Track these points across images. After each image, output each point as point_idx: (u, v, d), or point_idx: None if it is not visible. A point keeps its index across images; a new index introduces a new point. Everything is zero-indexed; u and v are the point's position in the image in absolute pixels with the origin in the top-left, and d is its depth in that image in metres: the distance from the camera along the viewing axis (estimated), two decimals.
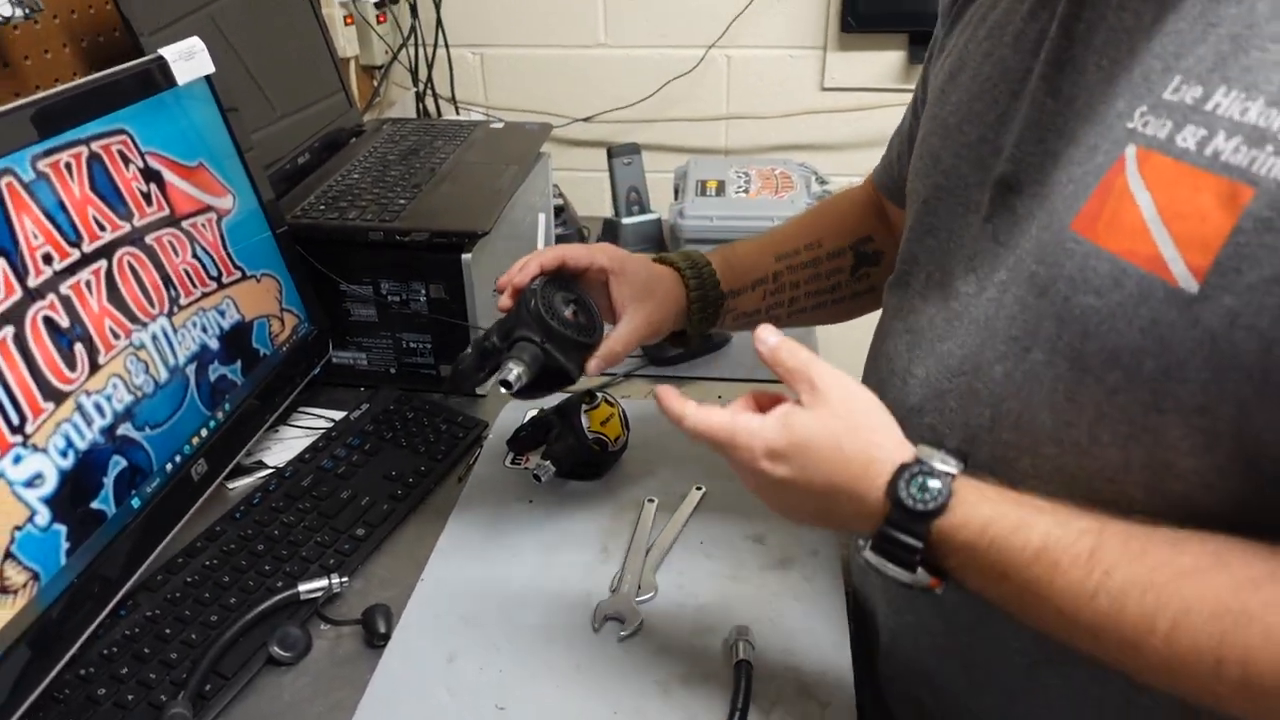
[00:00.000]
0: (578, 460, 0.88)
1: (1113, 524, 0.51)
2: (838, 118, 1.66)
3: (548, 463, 0.87)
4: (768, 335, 0.60)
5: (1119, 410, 0.52)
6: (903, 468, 0.54)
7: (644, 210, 1.38)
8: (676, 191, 1.38)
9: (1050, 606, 0.50)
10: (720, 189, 1.33)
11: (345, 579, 0.78)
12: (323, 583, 0.77)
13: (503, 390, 0.71)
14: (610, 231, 1.39)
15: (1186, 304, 0.48)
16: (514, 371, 0.70)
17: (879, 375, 0.72)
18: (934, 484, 0.53)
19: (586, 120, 1.72)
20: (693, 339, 0.85)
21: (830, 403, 0.57)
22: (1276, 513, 0.49)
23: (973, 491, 0.53)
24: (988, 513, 0.52)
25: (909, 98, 0.84)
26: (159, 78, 0.82)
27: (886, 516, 0.54)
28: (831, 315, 0.91)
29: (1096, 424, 0.53)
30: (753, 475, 0.58)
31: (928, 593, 0.55)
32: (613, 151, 1.37)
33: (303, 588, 0.76)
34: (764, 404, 0.61)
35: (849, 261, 0.88)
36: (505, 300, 0.76)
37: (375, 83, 1.66)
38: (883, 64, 1.62)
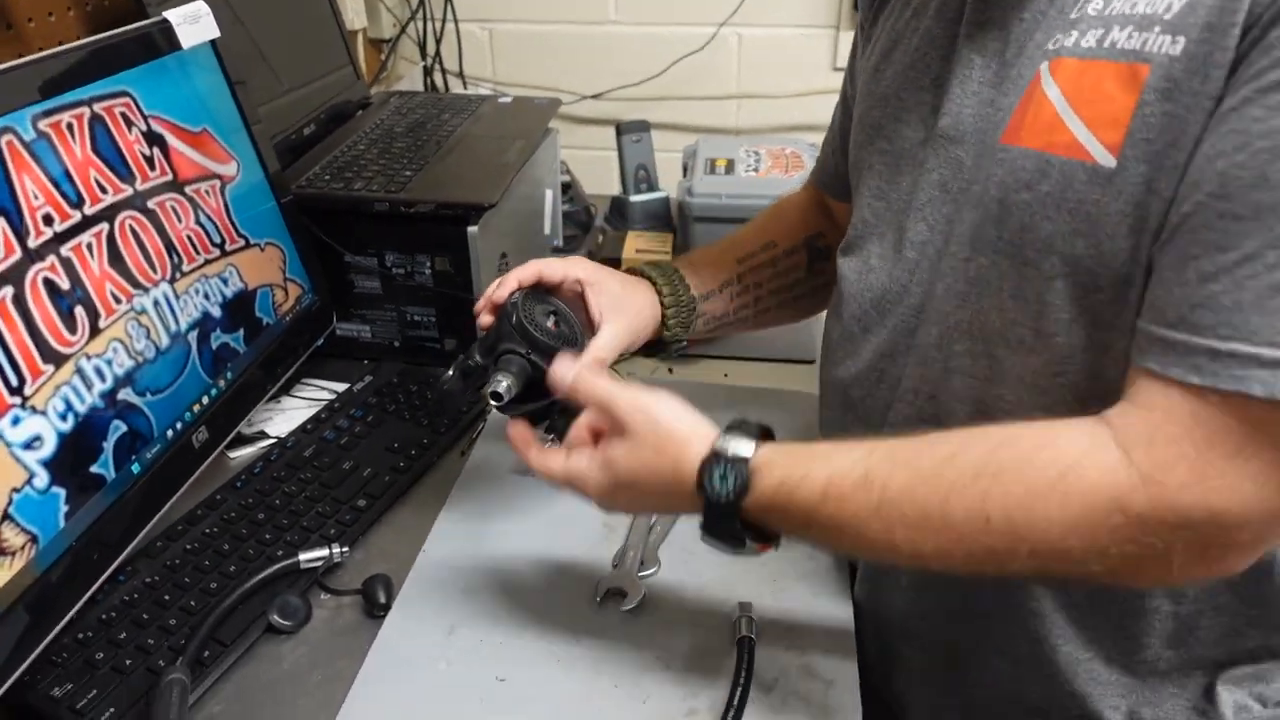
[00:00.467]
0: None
1: (883, 443, 0.58)
2: None
3: (551, 436, 0.86)
4: (563, 371, 0.67)
5: (1059, 296, 0.57)
6: (704, 465, 0.59)
7: (652, 188, 1.36)
8: (685, 169, 1.37)
9: (851, 531, 0.57)
10: (730, 167, 1.31)
11: (346, 549, 0.78)
12: (323, 552, 0.76)
13: (492, 404, 0.71)
14: (618, 209, 1.37)
15: (1107, 178, 0.53)
16: (503, 384, 0.71)
17: (848, 336, 0.75)
18: (729, 479, 0.59)
19: (595, 98, 1.70)
20: (669, 346, 0.87)
21: (634, 431, 0.62)
22: None
23: (765, 463, 0.59)
24: (779, 475, 0.58)
25: None
26: (163, 41, 0.81)
27: (704, 509, 0.60)
28: (795, 313, 0.94)
29: (1040, 316, 0.58)
30: (597, 504, 0.65)
31: (760, 554, 0.62)
32: (621, 128, 1.35)
33: (303, 557, 0.76)
34: (598, 430, 0.65)
35: (804, 258, 0.91)
36: (485, 318, 0.77)
37: (382, 56, 1.64)
38: None
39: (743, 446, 0.59)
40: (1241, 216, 0.47)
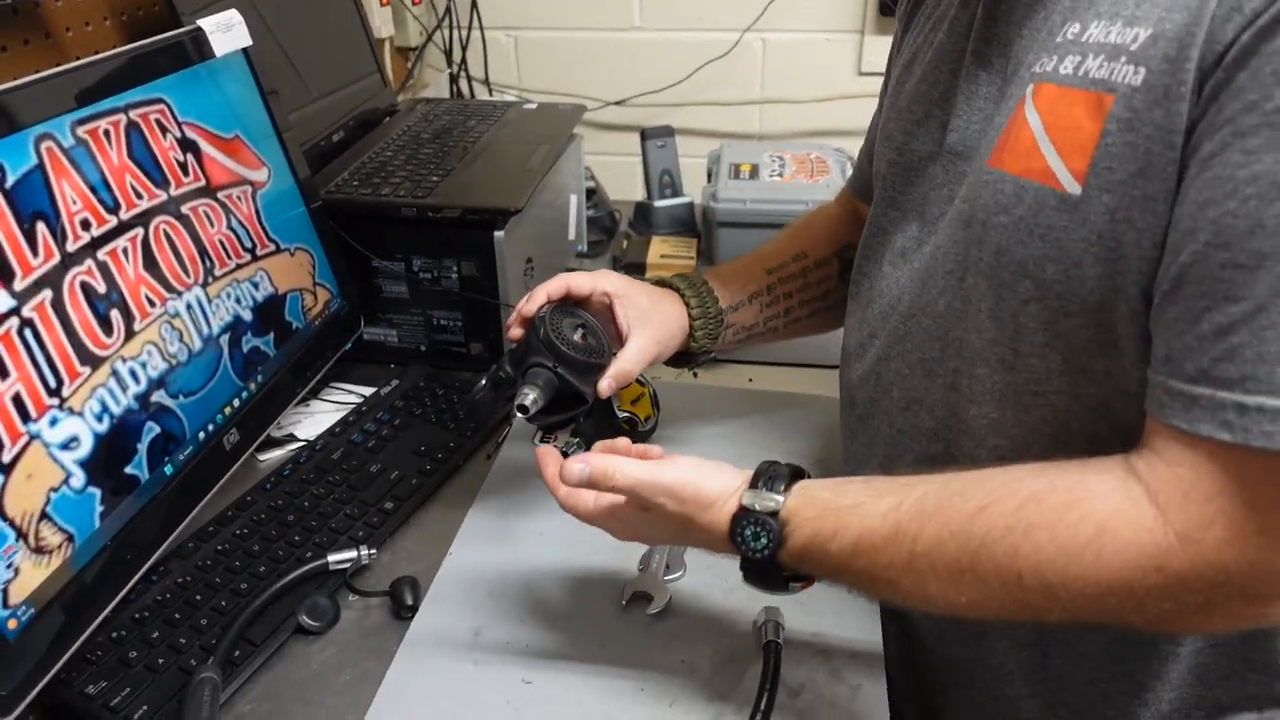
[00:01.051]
0: (608, 439, 0.88)
1: (912, 491, 0.57)
2: (875, 103, 1.63)
3: (577, 440, 0.87)
4: (579, 469, 0.65)
5: (1033, 319, 0.58)
6: (734, 521, 0.61)
7: (676, 193, 1.37)
8: (710, 175, 1.37)
9: (883, 581, 0.57)
10: (754, 172, 1.31)
11: (373, 551, 0.78)
12: (351, 554, 0.77)
13: (519, 415, 0.74)
14: (643, 214, 1.38)
15: (1073, 206, 0.54)
16: (529, 396, 0.73)
17: (858, 340, 0.76)
18: (761, 536, 0.60)
19: (620, 104, 1.71)
20: (696, 357, 0.87)
21: (664, 509, 0.63)
22: None
23: (796, 516, 0.60)
24: (810, 530, 0.59)
25: None
26: (196, 49, 0.82)
27: (741, 562, 0.61)
28: (825, 323, 0.94)
29: (1017, 336, 0.59)
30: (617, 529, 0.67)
31: (803, 591, 0.63)
32: (646, 134, 1.36)
33: (331, 558, 0.76)
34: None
35: (835, 269, 0.91)
36: (516, 331, 0.79)
37: (409, 64, 1.66)
38: None
39: (770, 501, 0.60)
40: (1244, 265, 0.46)
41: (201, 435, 0.78)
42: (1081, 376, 0.57)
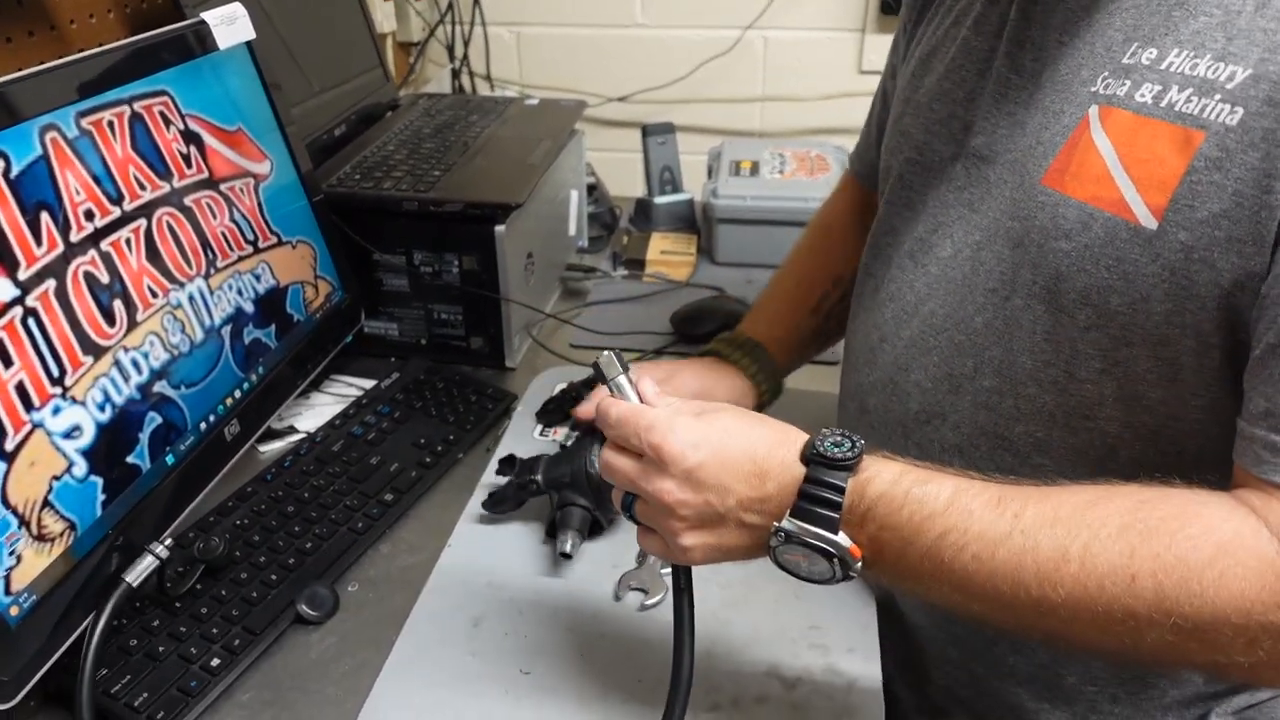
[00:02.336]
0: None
1: (1008, 480, 0.53)
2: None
3: (577, 434, 0.87)
4: (648, 386, 0.60)
5: (1092, 346, 0.56)
6: (812, 438, 0.55)
7: (677, 190, 1.37)
8: (710, 172, 1.37)
9: (968, 554, 0.50)
10: (755, 169, 1.32)
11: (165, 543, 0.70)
12: (146, 561, 0.69)
13: (562, 559, 0.76)
14: (643, 211, 1.38)
15: (1147, 241, 0.53)
16: (570, 542, 0.76)
17: (867, 344, 0.74)
18: (845, 443, 0.53)
19: (621, 100, 1.71)
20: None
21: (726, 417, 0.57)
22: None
23: (878, 455, 0.54)
24: (897, 468, 0.53)
25: None
26: (200, 42, 0.82)
27: (806, 475, 0.53)
28: None
29: (1072, 361, 0.58)
30: (681, 467, 0.54)
31: (846, 571, 0.53)
32: (647, 130, 1.36)
33: (128, 577, 0.67)
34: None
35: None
36: (585, 409, 0.82)
37: (411, 59, 1.66)
38: None
39: (852, 435, 0.54)
40: None
41: (203, 426, 0.78)
42: (1136, 404, 0.57)
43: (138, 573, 0.68)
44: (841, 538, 0.52)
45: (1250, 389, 0.51)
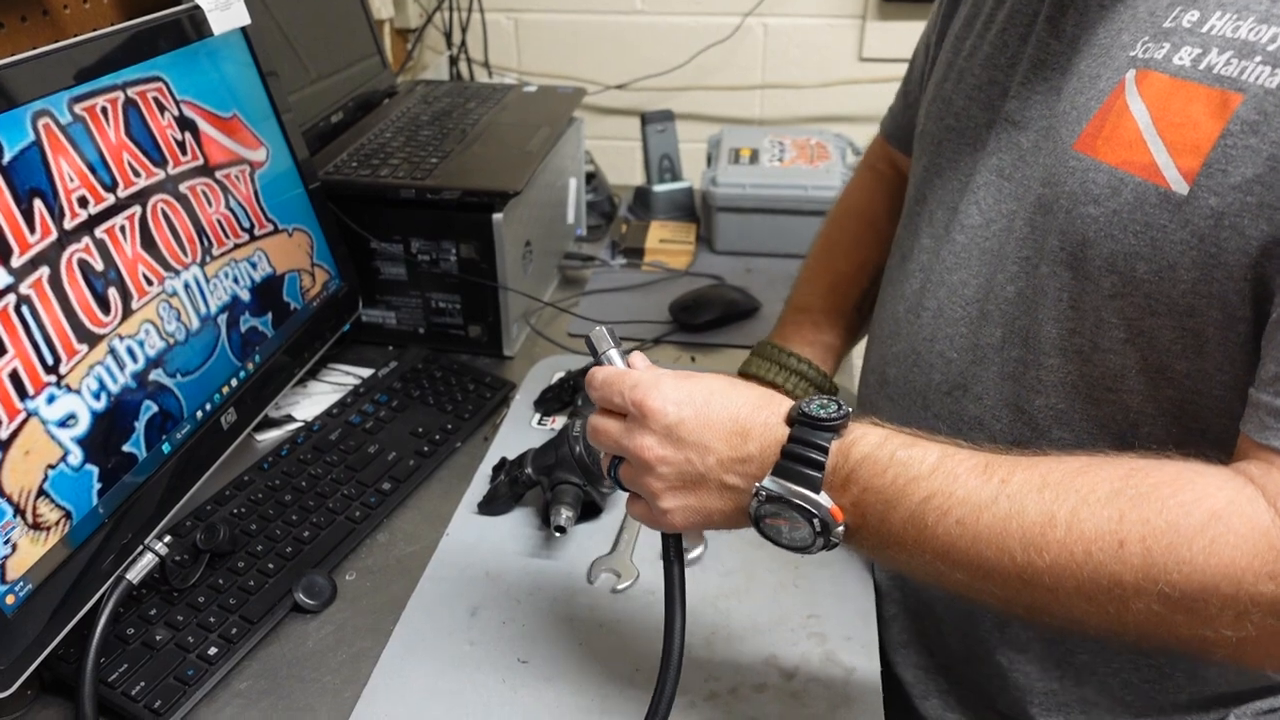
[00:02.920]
0: None
1: (998, 449, 0.52)
2: (876, 89, 1.63)
3: (570, 512, 0.86)
4: (639, 361, 0.58)
5: (1117, 314, 0.55)
6: (798, 402, 0.53)
7: (676, 178, 1.36)
8: (709, 159, 1.37)
9: (952, 519, 0.49)
10: (754, 157, 1.31)
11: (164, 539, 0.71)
12: (147, 559, 0.69)
13: (556, 534, 0.77)
14: (642, 199, 1.37)
15: (1177, 206, 0.51)
16: (564, 515, 0.76)
17: (893, 315, 0.73)
18: (831, 405, 0.53)
19: (620, 87, 1.70)
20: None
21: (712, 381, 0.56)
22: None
23: (865, 420, 0.54)
24: (882, 432, 0.52)
25: None
26: (195, 27, 0.82)
27: (790, 435, 0.52)
28: None
29: (1097, 330, 0.56)
30: (661, 424, 0.54)
31: (827, 538, 0.52)
32: (646, 118, 1.35)
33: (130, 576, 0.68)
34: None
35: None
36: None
37: (409, 46, 1.65)
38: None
39: (836, 399, 0.53)
40: None
41: (199, 414, 0.78)
42: (1160, 376, 0.55)
43: (138, 570, 0.68)
44: (823, 498, 0.51)
45: (1265, 354, 0.50)
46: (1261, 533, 0.45)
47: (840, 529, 0.52)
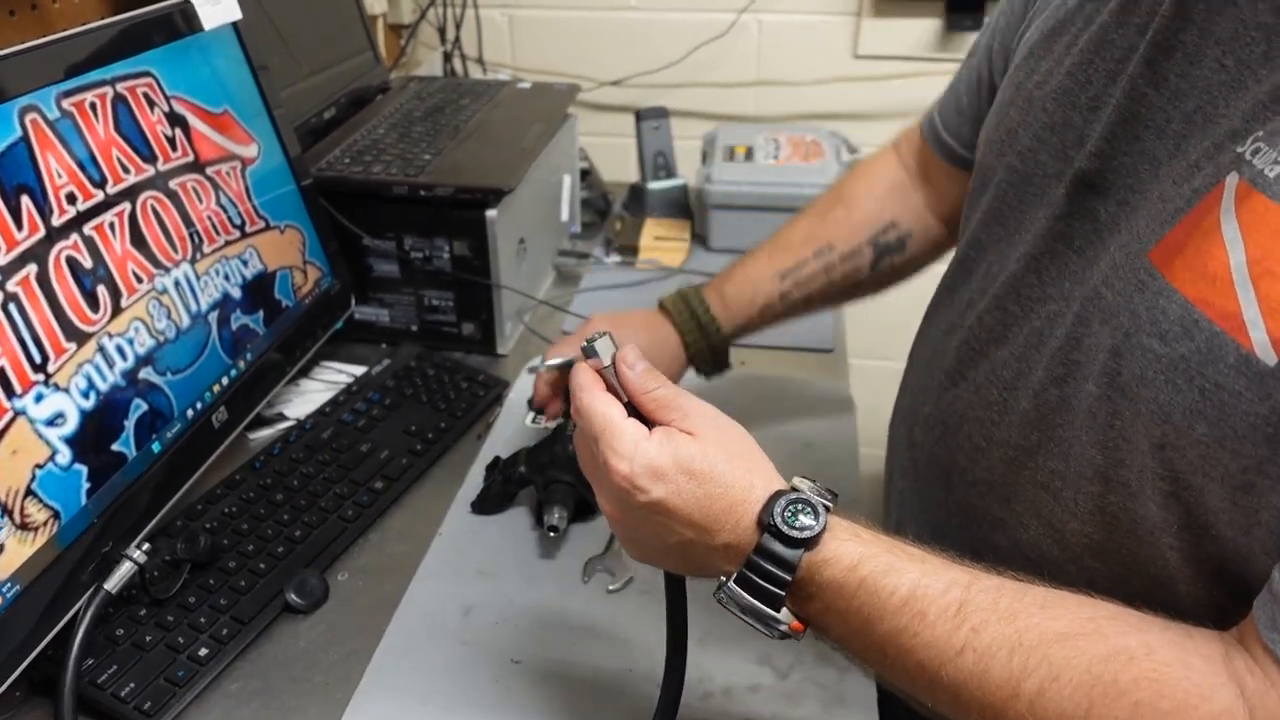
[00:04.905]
0: None
1: (984, 579, 0.47)
2: (871, 86, 1.62)
3: (569, 421, 0.86)
4: (634, 360, 0.52)
5: (1163, 466, 0.47)
6: (778, 494, 0.48)
7: (670, 175, 1.36)
8: (704, 157, 1.36)
9: (914, 660, 0.46)
10: (749, 154, 1.31)
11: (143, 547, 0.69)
12: (124, 568, 0.67)
13: (549, 534, 0.77)
14: (636, 196, 1.37)
15: (1259, 376, 0.42)
16: (556, 515, 0.77)
17: (929, 367, 0.67)
18: (806, 519, 0.47)
19: (615, 84, 1.69)
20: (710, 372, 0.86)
21: (706, 432, 0.50)
22: None
23: (845, 529, 0.48)
24: (858, 551, 0.47)
25: (945, 68, 0.81)
26: (185, 22, 0.81)
27: (756, 545, 0.48)
28: (847, 302, 0.88)
29: (1142, 473, 0.49)
30: (622, 492, 0.49)
31: (785, 639, 0.49)
32: (641, 115, 1.35)
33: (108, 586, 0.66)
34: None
35: (867, 259, 0.81)
36: (544, 388, 0.82)
37: (402, 41, 1.64)
38: (918, 32, 1.58)
39: (824, 496, 0.48)
40: None
41: (190, 413, 0.78)
42: (1205, 535, 0.48)
43: (116, 580, 0.67)
44: (784, 614, 0.48)
45: None
46: None
47: (799, 637, 0.49)
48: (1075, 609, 0.45)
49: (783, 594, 0.47)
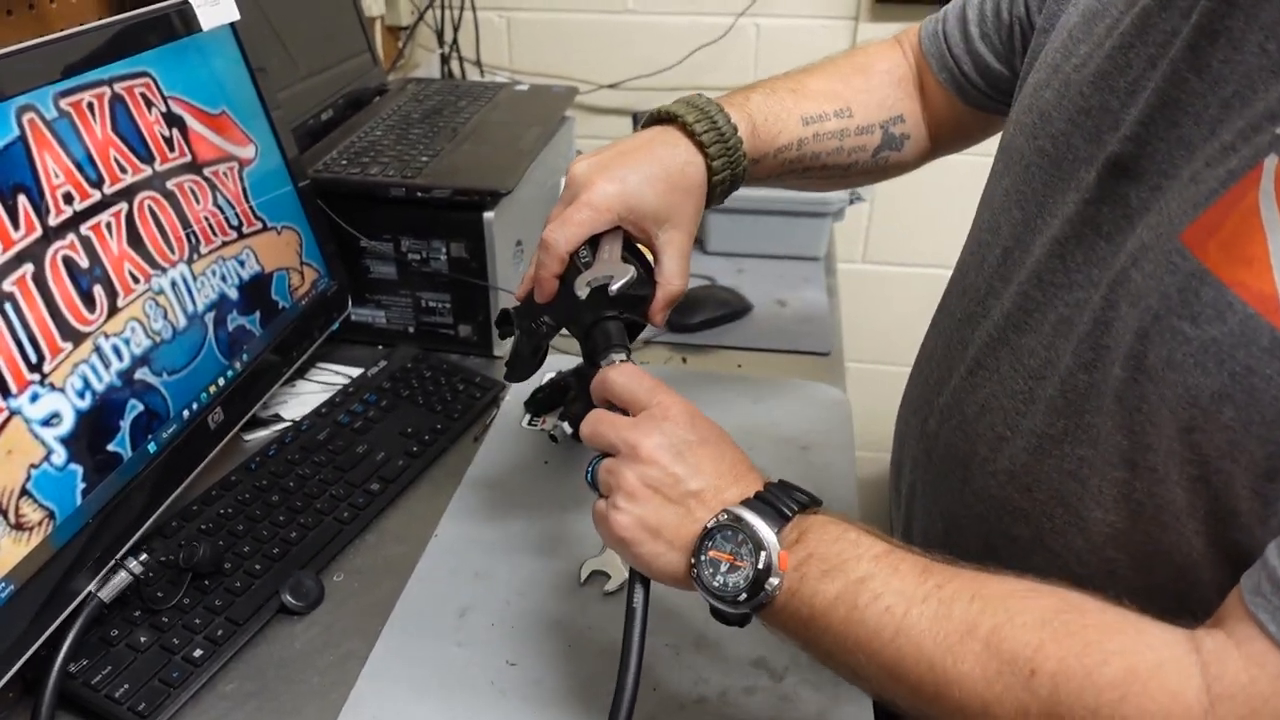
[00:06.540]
0: None
1: (955, 565, 0.50)
2: None
3: (564, 424, 0.86)
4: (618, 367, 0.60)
5: (1191, 450, 0.47)
6: (766, 486, 0.55)
7: None
8: None
9: (882, 604, 0.48)
10: None
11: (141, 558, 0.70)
12: (120, 577, 0.68)
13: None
14: None
15: None
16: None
17: (945, 357, 0.66)
18: (803, 497, 0.54)
19: (612, 87, 1.70)
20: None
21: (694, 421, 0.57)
22: None
23: (827, 517, 0.53)
24: (846, 522, 0.53)
25: None
26: (183, 22, 0.81)
27: (766, 484, 0.54)
28: (829, 187, 0.85)
29: (1169, 458, 0.48)
30: (671, 420, 0.55)
31: (758, 589, 0.51)
32: (638, 118, 1.35)
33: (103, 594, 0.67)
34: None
35: (876, 140, 0.76)
36: (550, 286, 0.67)
37: (400, 43, 1.64)
38: None
39: (807, 492, 0.54)
40: None
41: (186, 414, 0.77)
42: (1233, 521, 0.47)
43: (110, 589, 0.67)
44: (777, 540, 0.51)
45: None
46: (1182, 710, 0.41)
47: (775, 581, 0.51)
48: (1040, 581, 0.48)
49: (781, 523, 0.52)
